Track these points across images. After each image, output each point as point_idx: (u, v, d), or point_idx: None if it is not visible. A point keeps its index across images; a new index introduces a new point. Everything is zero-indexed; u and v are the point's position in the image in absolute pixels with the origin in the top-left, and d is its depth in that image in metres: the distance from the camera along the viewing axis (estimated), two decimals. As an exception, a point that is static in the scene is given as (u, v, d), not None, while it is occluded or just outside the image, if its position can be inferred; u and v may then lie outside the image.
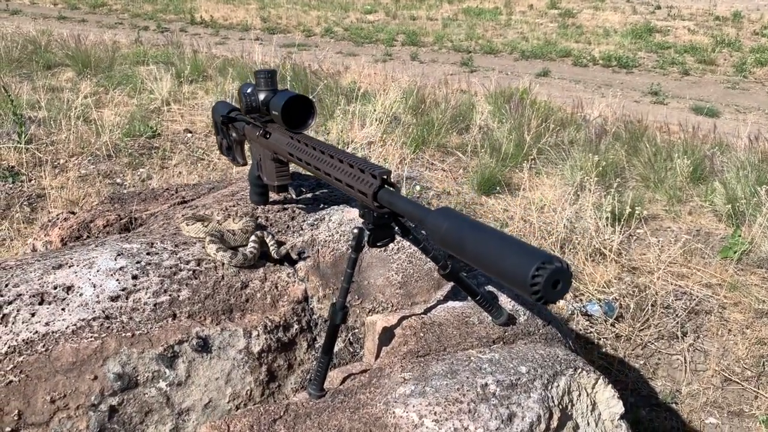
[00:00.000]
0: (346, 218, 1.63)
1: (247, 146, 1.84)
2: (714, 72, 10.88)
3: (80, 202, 3.88)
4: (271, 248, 1.48)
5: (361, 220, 1.15)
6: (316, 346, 1.43)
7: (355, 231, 1.13)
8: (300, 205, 1.78)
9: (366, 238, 1.13)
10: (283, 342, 1.39)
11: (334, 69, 8.65)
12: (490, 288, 1.38)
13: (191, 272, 1.40)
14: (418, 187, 4.60)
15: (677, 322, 2.97)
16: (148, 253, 1.43)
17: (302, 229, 1.62)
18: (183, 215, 1.71)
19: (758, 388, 2.62)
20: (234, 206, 1.78)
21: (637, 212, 3.71)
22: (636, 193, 4.60)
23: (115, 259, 1.38)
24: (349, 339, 1.46)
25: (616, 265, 3.44)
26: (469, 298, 1.34)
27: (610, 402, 1.15)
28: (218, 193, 2.02)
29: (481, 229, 0.83)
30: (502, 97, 6.87)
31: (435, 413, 1.03)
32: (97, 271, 1.35)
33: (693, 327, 3.02)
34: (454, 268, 1.23)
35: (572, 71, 10.74)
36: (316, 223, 1.64)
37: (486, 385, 1.08)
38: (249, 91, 1.57)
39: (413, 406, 1.04)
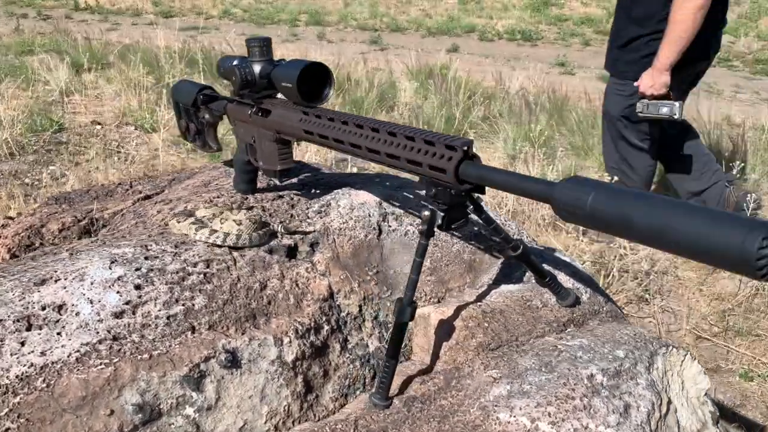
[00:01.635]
0: (356, 202, 1.46)
1: (222, 130, 1.63)
2: (611, 42, 11.27)
3: (-10, 207, 3.46)
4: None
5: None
6: (349, 346, 1.27)
7: (426, 214, 0.97)
8: (294, 192, 1.59)
9: (440, 221, 0.97)
10: (317, 346, 1.21)
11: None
12: (546, 267, 1.26)
13: (202, 276, 1.20)
14: (354, 169, 4.44)
15: (641, 286, 3.00)
16: (146, 258, 1.21)
17: (309, 218, 1.44)
18: (171, 212, 1.48)
19: (728, 343, 2.68)
20: (218, 197, 1.57)
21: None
22: (568, 162, 4.65)
23: (110, 268, 1.16)
24: (381, 335, 1.31)
25: (572, 234, 3.44)
26: (524, 279, 1.22)
27: (697, 378, 1.07)
28: (187, 184, 1.79)
29: (652, 199, 0.69)
30: (422, 73, 6.79)
31: (549, 414, 0.90)
32: (91, 283, 1.12)
33: (656, 288, 3.06)
34: (527, 249, 1.10)
35: (480, 46, 10.84)
36: (323, 210, 1.46)
37: (592, 375, 0.96)
38: (236, 63, 1.37)
39: (520, 409, 0.91)
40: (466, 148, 0.89)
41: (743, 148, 4.71)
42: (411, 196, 1.52)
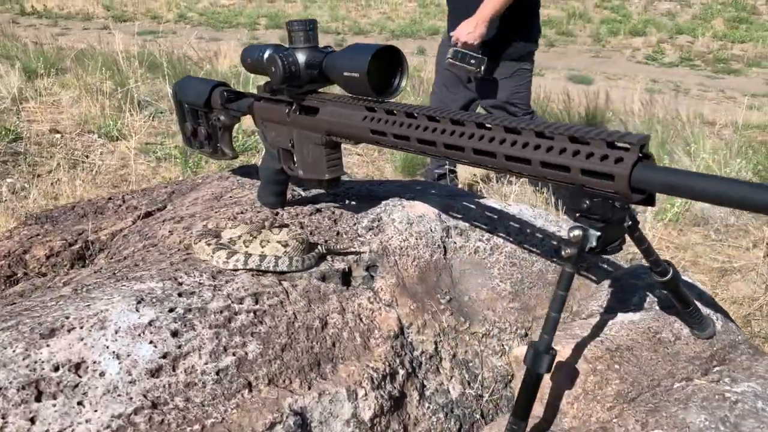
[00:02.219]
0: (413, 215, 1.24)
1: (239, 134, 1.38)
2: (575, 43, 11.34)
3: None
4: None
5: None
6: (427, 393, 1.04)
7: (577, 233, 0.76)
8: (330, 204, 1.36)
9: (594, 243, 0.75)
10: (395, 397, 0.98)
11: (203, 54, 7.96)
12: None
13: (252, 314, 0.95)
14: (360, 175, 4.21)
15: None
16: (179, 294, 0.96)
17: (360, 235, 1.21)
18: (187, 231, 1.23)
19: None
20: (241, 212, 1.32)
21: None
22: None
23: (137, 309, 0.90)
24: (463, 378, 1.09)
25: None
26: (644, 305, 1.01)
27: None
28: (194, 198, 1.54)
29: None
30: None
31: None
32: (116, 331, 0.87)
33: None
34: (677, 275, 0.89)
35: (445, 48, 10.70)
36: (375, 225, 1.23)
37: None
38: (272, 51, 1.13)
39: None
40: (643, 144, 0.68)
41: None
42: (473, 206, 1.30)
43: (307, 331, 0.97)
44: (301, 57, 1.10)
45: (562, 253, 0.77)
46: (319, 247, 1.12)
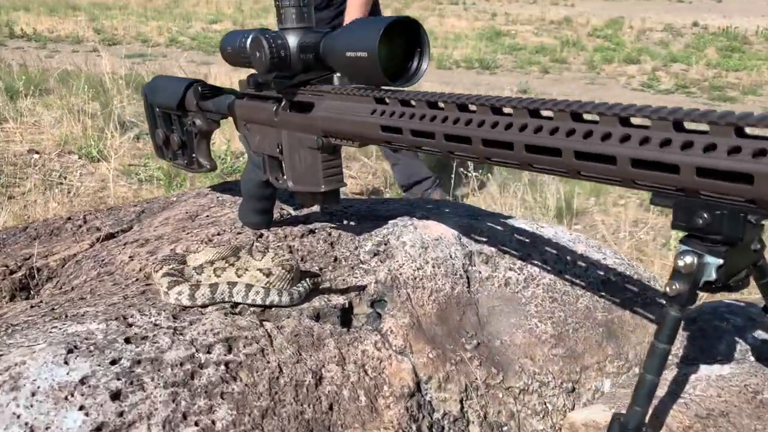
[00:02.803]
0: (428, 237, 1.01)
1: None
2: (569, 70, 11.27)
3: None
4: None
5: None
6: (451, 467, 0.80)
7: (688, 261, 0.53)
8: (326, 224, 1.13)
9: (714, 275, 0.53)
10: (412, 476, 0.74)
11: (194, 76, 7.78)
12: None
13: (223, 367, 0.71)
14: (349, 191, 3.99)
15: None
16: (127, 340, 0.72)
17: (362, 262, 0.98)
18: (151, 257, 0.99)
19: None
20: (218, 234, 1.09)
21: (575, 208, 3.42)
22: (556, 187, 4.32)
23: (66, 361, 0.67)
24: (494, 444, 0.85)
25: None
26: (734, 354, 0.79)
27: None
28: (165, 218, 1.30)
29: None
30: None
31: None
32: (32, 393, 0.63)
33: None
34: None
35: (439, 74, 10.60)
36: (381, 250, 1.00)
37: None
38: (253, 36, 0.91)
39: None
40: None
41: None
42: (500, 228, 1.07)
43: (297, 390, 0.74)
44: (292, 39, 0.88)
45: (666, 289, 0.54)
46: (305, 282, 0.88)
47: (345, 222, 1.16)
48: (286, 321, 0.81)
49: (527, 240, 1.05)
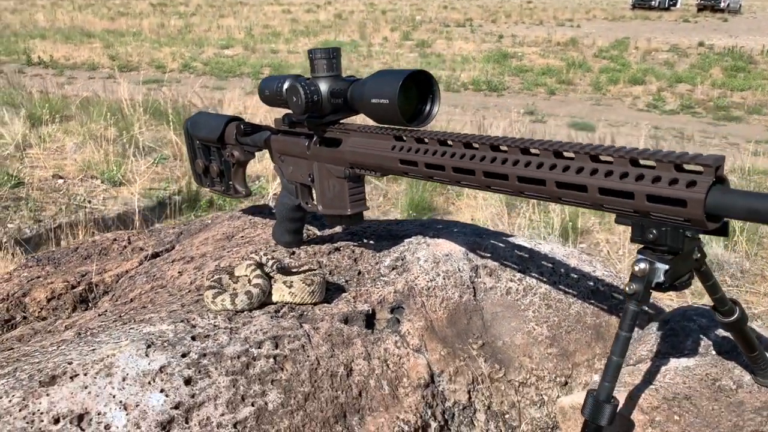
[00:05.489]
0: (439, 253, 1.16)
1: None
2: (576, 91, 11.44)
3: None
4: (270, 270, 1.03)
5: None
6: (461, 447, 0.94)
7: (642, 267, 0.68)
8: (349, 243, 1.28)
9: (662, 277, 0.68)
10: (428, 452, 0.89)
11: (208, 102, 8.01)
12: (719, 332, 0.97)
13: (272, 359, 0.87)
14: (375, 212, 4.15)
15: None
16: (193, 338, 0.87)
17: (382, 275, 1.13)
18: (198, 272, 1.15)
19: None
20: (254, 252, 1.25)
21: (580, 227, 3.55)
22: (561, 208, 4.46)
23: (147, 354, 0.82)
24: (498, 430, 0.99)
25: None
26: (699, 350, 0.93)
27: None
28: (204, 238, 1.46)
29: None
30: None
31: None
32: (123, 378, 0.78)
33: None
34: (744, 315, 0.81)
35: (446, 96, 10.80)
36: (399, 264, 1.15)
37: None
38: (292, 82, 1.07)
39: None
40: (719, 166, 0.61)
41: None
42: (502, 245, 1.22)
43: (332, 379, 0.89)
44: (323, 86, 1.04)
45: (626, 288, 0.69)
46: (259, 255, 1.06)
47: (365, 240, 1.31)
48: (320, 323, 0.97)
49: (526, 255, 1.21)
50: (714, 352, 0.93)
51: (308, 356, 0.90)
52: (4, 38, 15.52)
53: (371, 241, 1.30)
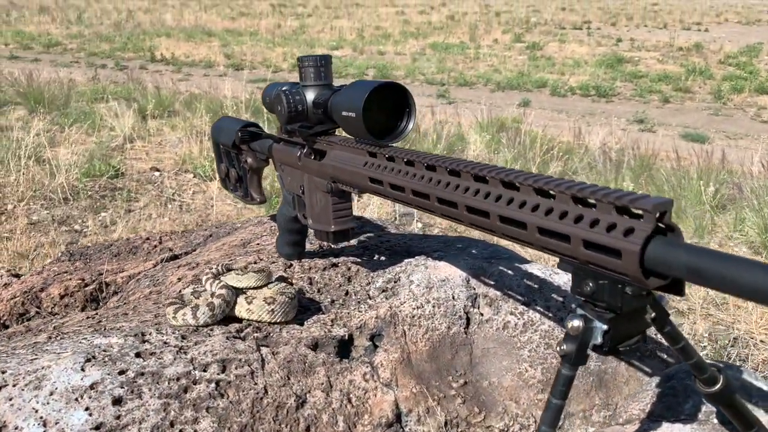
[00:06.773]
0: (435, 278, 1.08)
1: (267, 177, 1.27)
2: (693, 99, 10.74)
3: (31, 254, 3.23)
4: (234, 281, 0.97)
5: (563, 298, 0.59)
6: (422, 497, 0.86)
7: (576, 324, 0.58)
8: (352, 259, 1.22)
9: (600, 339, 0.57)
10: (375, 500, 0.81)
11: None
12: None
13: (213, 385, 0.82)
14: (419, 224, 4.07)
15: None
16: (137, 354, 0.84)
17: (371, 298, 1.06)
18: (181, 281, 1.13)
19: None
20: (255, 262, 1.21)
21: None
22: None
23: (83, 368, 0.80)
24: (470, 479, 0.90)
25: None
26: (702, 417, 0.79)
27: None
28: (223, 243, 1.45)
29: None
30: (492, 126, 6.45)
31: None
32: (51, 393, 0.76)
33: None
34: (730, 384, 0.68)
35: (552, 101, 10.47)
36: (390, 287, 1.08)
37: None
38: (284, 89, 1.02)
39: None
40: (659, 214, 0.50)
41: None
42: (510, 272, 1.12)
43: (277, 411, 0.83)
44: (309, 95, 0.98)
45: (557, 349, 0.59)
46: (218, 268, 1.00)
47: (373, 256, 1.24)
48: (282, 348, 0.91)
49: (536, 285, 1.09)
50: (716, 420, 0.79)
51: (255, 383, 0.84)
52: (133, 36, 16.61)
53: (374, 257, 1.23)
